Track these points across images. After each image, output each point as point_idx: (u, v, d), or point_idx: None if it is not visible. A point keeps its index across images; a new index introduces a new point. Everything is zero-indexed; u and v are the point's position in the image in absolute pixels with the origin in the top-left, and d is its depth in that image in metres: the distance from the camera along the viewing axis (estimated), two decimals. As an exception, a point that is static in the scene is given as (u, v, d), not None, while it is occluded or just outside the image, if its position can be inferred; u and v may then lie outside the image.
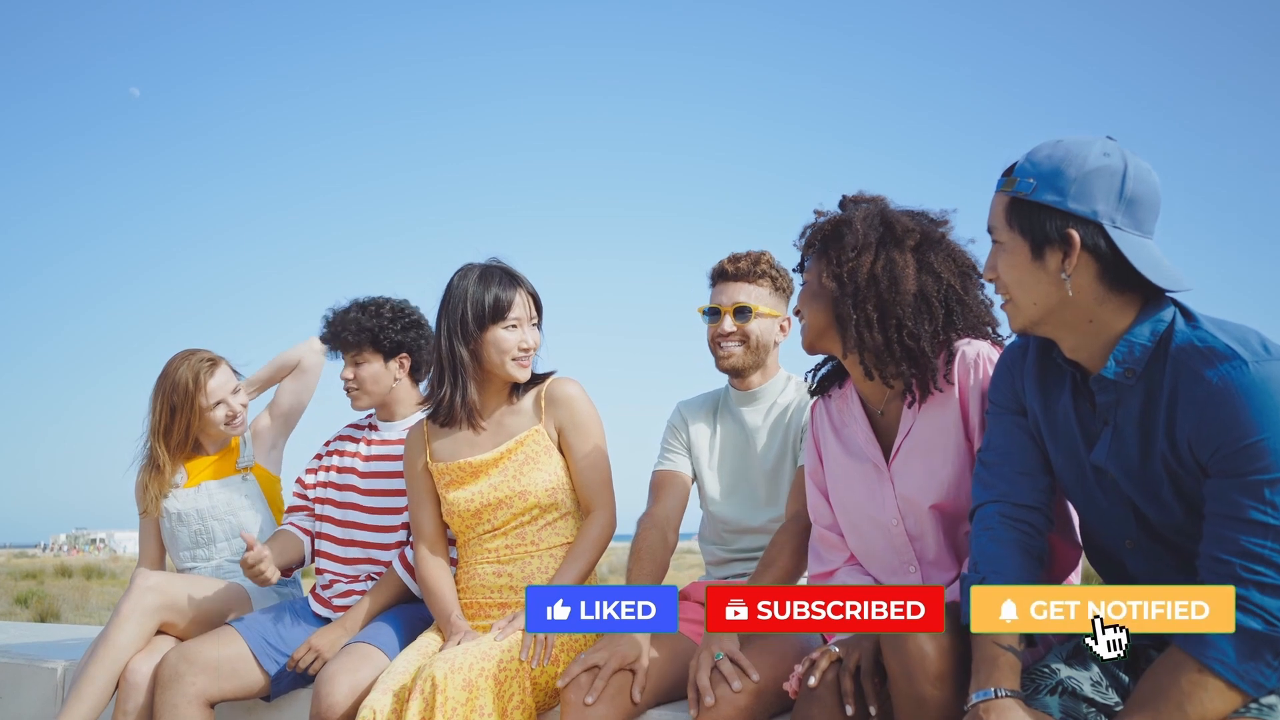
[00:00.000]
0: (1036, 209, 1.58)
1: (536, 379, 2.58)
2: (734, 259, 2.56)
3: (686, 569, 14.92)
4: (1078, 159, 1.56)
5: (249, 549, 2.64)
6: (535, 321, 2.56)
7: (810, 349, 2.06)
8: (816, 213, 2.06)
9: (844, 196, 2.07)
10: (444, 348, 2.47)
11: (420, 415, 2.85)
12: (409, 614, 2.68)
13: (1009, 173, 1.63)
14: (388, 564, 2.83)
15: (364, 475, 2.93)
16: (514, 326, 2.48)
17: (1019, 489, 1.74)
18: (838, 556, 2.11)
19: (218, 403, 3.08)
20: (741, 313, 2.51)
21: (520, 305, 2.50)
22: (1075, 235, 1.55)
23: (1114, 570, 1.76)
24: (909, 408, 1.98)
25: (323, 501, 2.99)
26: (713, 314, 2.55)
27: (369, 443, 3.00)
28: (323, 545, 2.96)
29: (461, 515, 2.52)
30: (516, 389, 2.56)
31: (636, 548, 2.39)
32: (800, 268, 2.10)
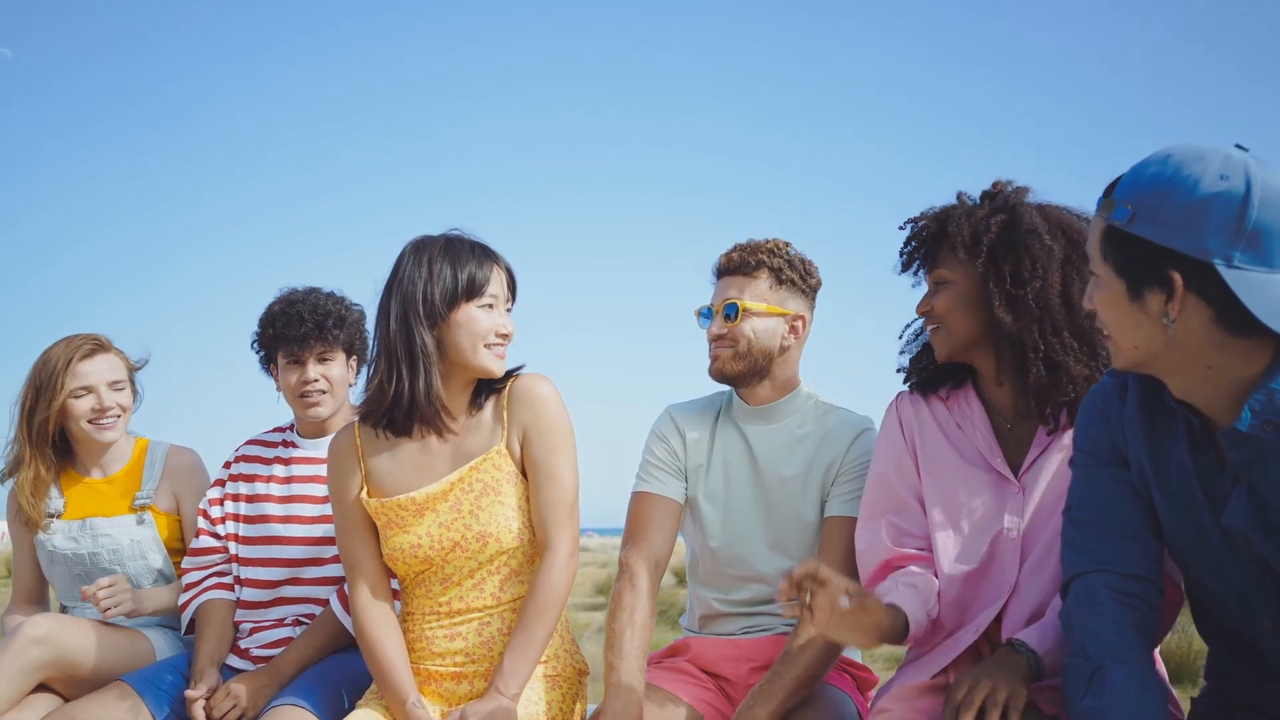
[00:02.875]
0: (1133, 243, 1.35)
1: (497, 381, 2.07)
2: (730, 250, 2.19)
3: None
4: (1186, 183, 1.31)
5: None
6: (509, 307, 2.08)
7: (948, 357, 1.85)
8: (961, 197, 1.86)
9: (999, 185, 1.86)
10: (394, 333, 1.94)
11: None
12: (350, 667, 2.29)
13: (1109, 192, 1.40)
14: (322, 602, 2.44)
15: (283, 501, 2.52)
16: (489, 306, 2.00)
17: (1125, 556, 1.50)
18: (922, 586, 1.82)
19: (85, 389, 2.56)
20: (729, 310, 2.13)
21: (497, 283, 2.02)
22: (1177, 278, 1.32)
23: (1244, 656, 1.52)
24: (1048, 432, 1.81)
25: (231, 538, 2.57)
26: (705, 314, 2.20)
27: (285, 462, 2.58)
28: (238, 590, 2.54)
29: (405, 561, 2.01)
30: (478, 395, 2.06)
31: (616, 630, 1.97)
32: (920, 256, 1.87)
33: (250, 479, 2.59)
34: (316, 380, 2.50)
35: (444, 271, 1.97)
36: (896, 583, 1.78)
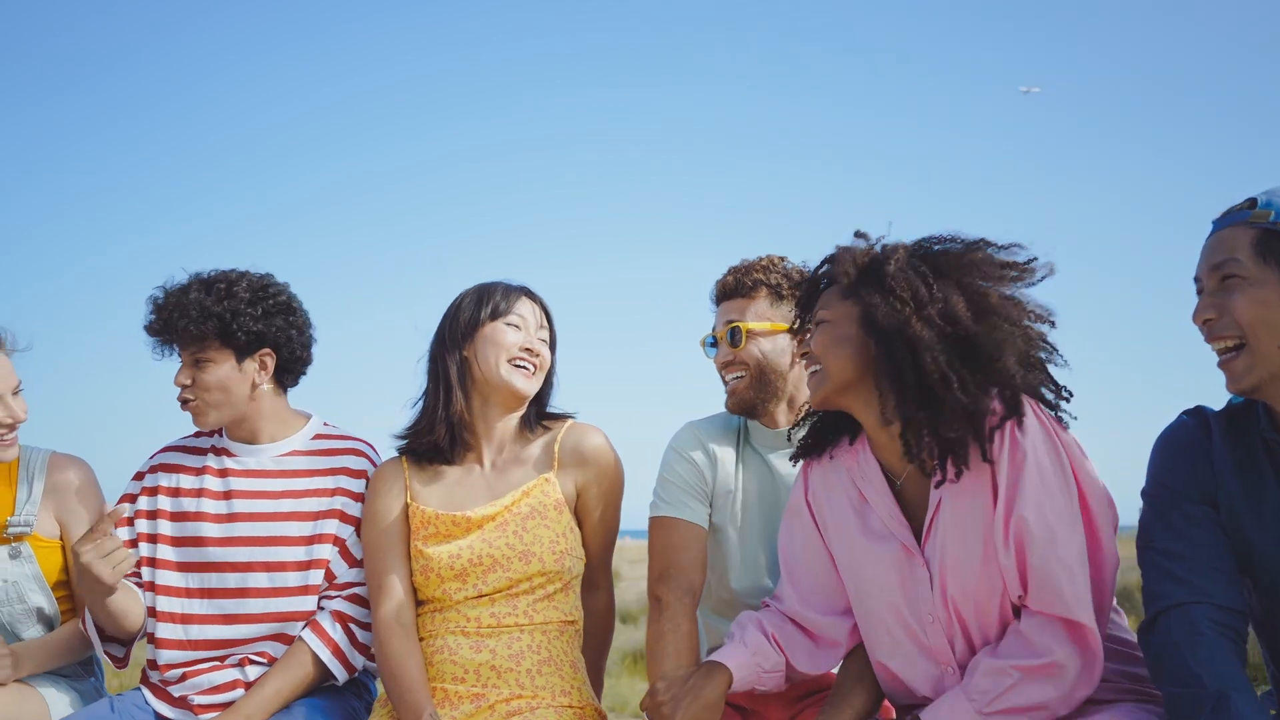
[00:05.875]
0: None
1: (548, 418, 2.15)
2: (724, 275, 2.14)
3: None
4: None
5: None
6: (546, 339, 2.11)
7: (823, 404, 1.75)
8: (859, 235, 1.79)
9: (860, 234, 1.79)
10: (429, 367, 2.10)
11: (345, 443, 2.25)
12: (331, 713, 2.02)
13: (1252, 204, 1.53)
14: (273, 639, 2.08)
15: (222, 520, 2.13)
16: (516, 327, 2.07)
17: (1220, 588, 1.54)
18: (833, 656, 1.83)
19: None
20: (733, 334, 2.07)
21: (527, 309, 2.11)
22: None
23: None
24: (935, 484, 1.67)
25: (150, 562, 2.15)
26: (713, 343, 2.14)
27: (220, 474, 2.19)
28: (159, 625, 2.11)
29: (439, 574, 1.99)
30: (528, 426, 2.10)
31: (663, 671, 1.86)
32: (809, 299, 1.80)
33: (174, 493, 2.18)
34: (187, 386, 2.14)
35: (471, 302, 2.10)
36: (741, 629, 1.82)
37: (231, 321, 2.09)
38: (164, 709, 2.06)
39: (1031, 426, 1.63)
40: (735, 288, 2.11)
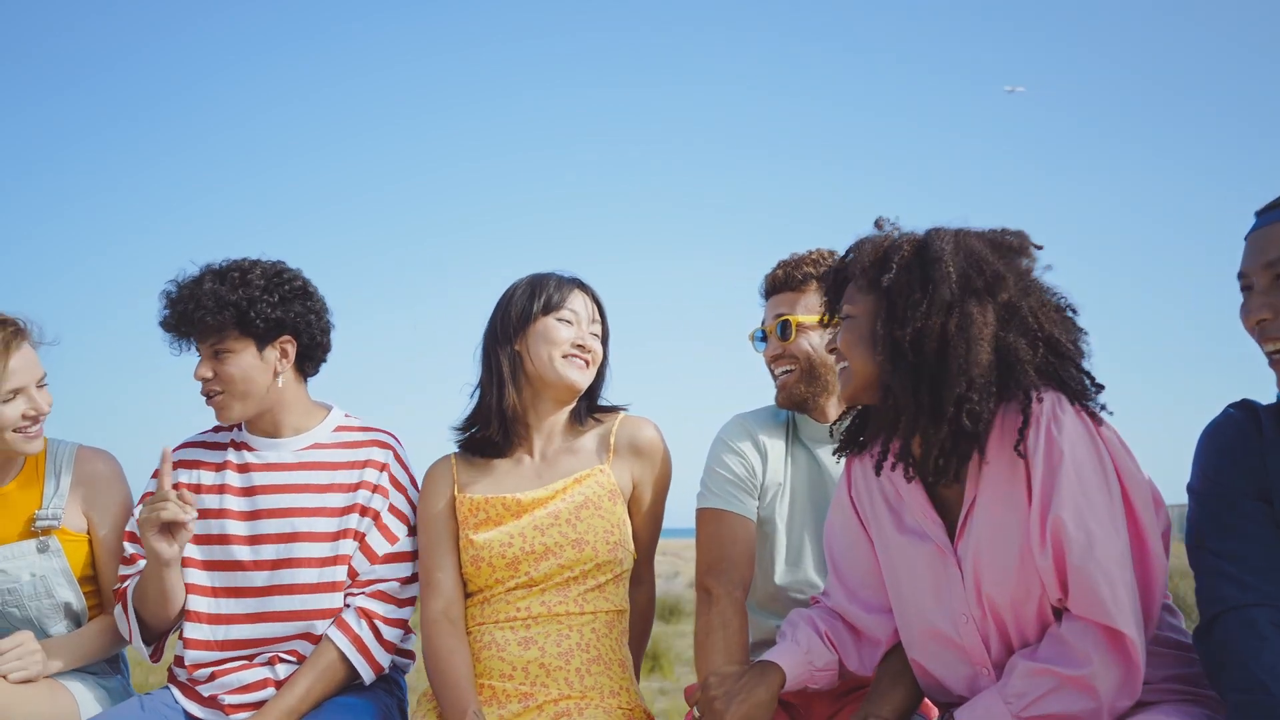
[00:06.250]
0: None
1: (600, 411, 2.15)
2: (774, 269, 2.14)
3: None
4: None
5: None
6: (598, 334, 2.11)
7: (852, 400, 1.73)
8: (879, 224, 1.72)
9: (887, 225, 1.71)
10: (483, 362, 2.10)
11: (371, 434, 2.22)
12: (363, 711, 1.98)
13: None
14: (302, 637, 2.04)
15: (245, 517, 2.09)
16: (568, 321, 2.06)
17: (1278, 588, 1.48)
18: (875, 655, 1.80)
19: (14, 392, 2.03)
20: (783, 328, 2.06)
21: (579, 303, 2.10)
22: None
23: None
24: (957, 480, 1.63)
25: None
26: (763, 337, 2.14)
27: (243, 469, 2.14)
28: (185, 624, 2.08)
29: (490, 563, 1.98)
30: (579, 419, 2.12)
31: (711, 664, 1.89)
32: (836, 291, 1.73)
33: (195, 489, 2.14)
34: (209, 380, 2.09)
35: (524, 295, 2.08)
36: (794, 628, 1.80)
37: (249, 309, 2.04)
38: (194, 708, 2.03)
39: (1069, 424, 1.55)
40: (785, 281, 2.11)
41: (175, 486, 2.01)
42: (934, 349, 1.55)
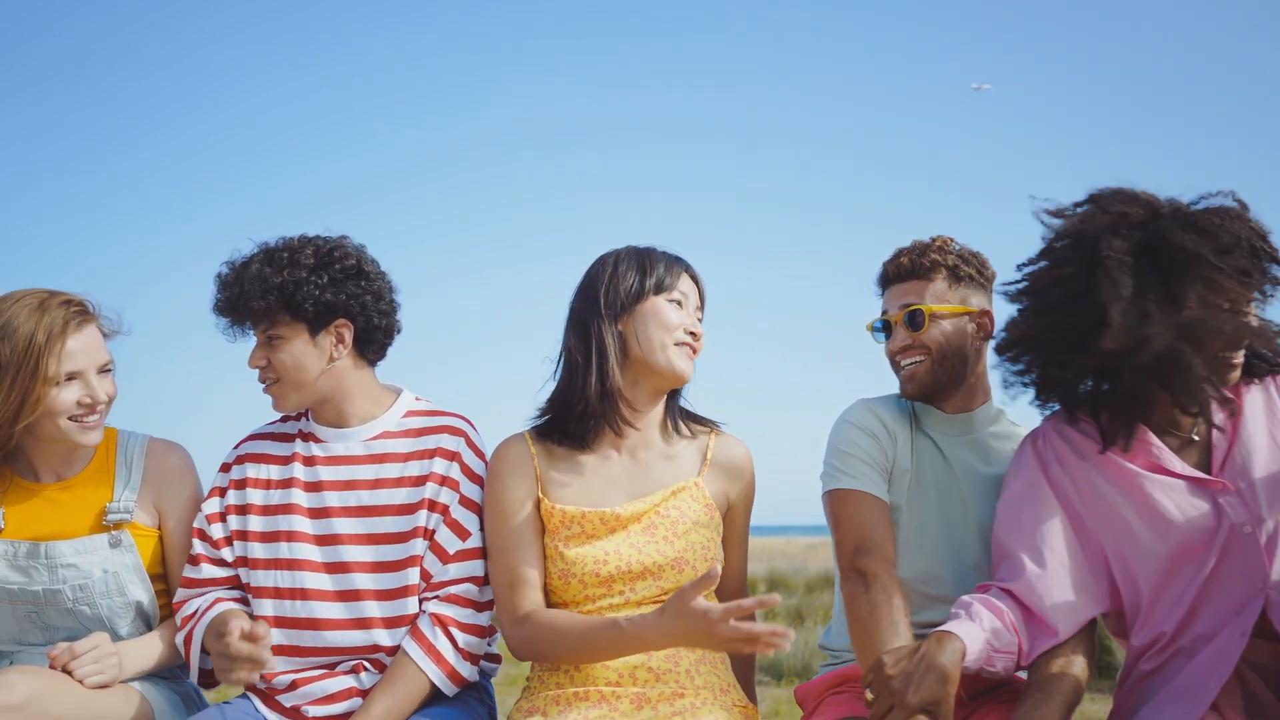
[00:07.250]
0: None
1: (693, 420, 2.02)
2: (896, 255, 2.06)
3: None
4: None
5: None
6: (699, 316, 2.00)
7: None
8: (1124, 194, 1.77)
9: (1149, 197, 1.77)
10: (576, 334, 1.91)
11: (423, 418, 2.03)
12: None
13: None
14: (382, 650, 1.89)
15: (314, 515, 1.95)
16: (678, 304, 1.93)
17: None
18: (1047, 644, 1.71)
19: (72, 376, 1.90)
20: (913, 317, 1.98)
21: (688, 285, 1.97)
22: None
23: None
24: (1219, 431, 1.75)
25: (243, 561, 1.98)
26: (882, 327, 2.05)
27: (309, 462, 1.99)
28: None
29: (582, 580, 1.84)
30: (675, 424, 1.99)
31: (879, 641, 1.74)
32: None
33: (264, 485, 2.00)
34: (264, 369, 1.97)
35: (631, 269, 1.93)
36: (967, 608, 1.71)
37: (295, 292, 1.89)
38: (275, 719, 1.87)
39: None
40: (911, 269, 2.02)
41: (250, 624, 1.80)
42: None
